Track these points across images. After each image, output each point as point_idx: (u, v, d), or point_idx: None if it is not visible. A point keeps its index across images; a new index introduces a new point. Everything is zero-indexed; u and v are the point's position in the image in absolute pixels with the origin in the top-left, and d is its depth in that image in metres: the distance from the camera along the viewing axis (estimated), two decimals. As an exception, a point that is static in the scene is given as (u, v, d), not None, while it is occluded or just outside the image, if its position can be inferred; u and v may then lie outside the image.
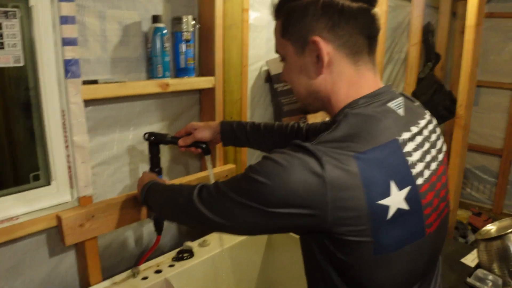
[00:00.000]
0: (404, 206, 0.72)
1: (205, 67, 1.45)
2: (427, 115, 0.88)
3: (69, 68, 1.08)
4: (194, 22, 1.38)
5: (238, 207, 0.75)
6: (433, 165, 0.80)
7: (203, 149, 1.22)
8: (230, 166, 1.58)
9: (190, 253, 1.45)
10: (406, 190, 0.73)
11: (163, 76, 1.32)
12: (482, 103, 3.52)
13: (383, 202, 0.70)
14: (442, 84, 2.82)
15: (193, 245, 1.50)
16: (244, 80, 1.57)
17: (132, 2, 1.27)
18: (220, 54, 1.44)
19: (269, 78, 1.80)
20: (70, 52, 1.07)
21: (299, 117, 1.77)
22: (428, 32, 2.84)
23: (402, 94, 0.85)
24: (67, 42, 1.06)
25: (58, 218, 1.11)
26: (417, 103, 0.89)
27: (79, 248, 1.22)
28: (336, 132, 0.74)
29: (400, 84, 2.89)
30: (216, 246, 1.50)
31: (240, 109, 1.58)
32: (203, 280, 1.44)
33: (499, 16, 3.34)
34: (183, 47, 1.37)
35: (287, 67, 0.87)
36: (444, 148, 0.89)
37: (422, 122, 0.83)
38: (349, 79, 0.81)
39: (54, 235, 1.18)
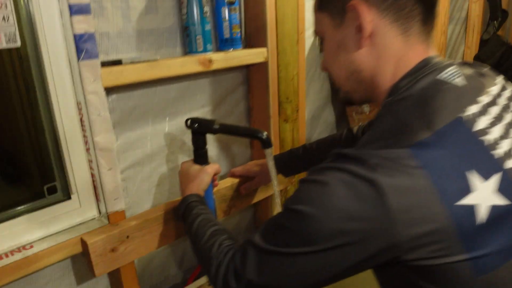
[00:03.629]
0: (499, 201, 0.56)
1: (255, 37, 1.15)
2: (500, 79, 0.71)
3: (82, 45, 0.80)
4: (238, -22, 1.08)
5: (288, 261, 0.61)
6: None
7: (263, 141, 0.93)
8: (288, 157, 1.29)
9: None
10: (495, 179, 0.57)
11: (205, 50, 1.03)
12: None
13: (465, 201, 0.55)
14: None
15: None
16: (301, 50, 1.26)
17: (159, -46, 0.97)
18: (272, 19, 1.13)
19: (326, 47, 1.48)
20: (82, 24, 0.79)
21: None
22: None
23: (452, 63, 0.68)
24: (77, 10, 0.78)
25: (84, 243, 0.86)
26: (483, 67, 0.72)
27: (114, 275, 0.97)
28: (380, 128, 0.62)
29: (460, 47, 2.51)
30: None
31: (298, 87, 1.27)
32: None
33: None
34: (226, 11, 1.07)
35: (326, 47, 0.73)
36: None
37: (495, 89, 0.66)
38: (396, 53, 0.67)
39: (80, 260, 0.93)
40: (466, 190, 0.55)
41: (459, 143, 0.58)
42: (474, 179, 0.56)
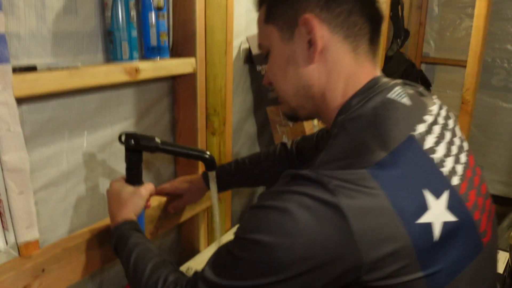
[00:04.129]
0: (450, 217, 0.57)
1: (183, 45, 1.08)
2: (435, 98, 0.74)
3: (-10, 47, 0.67)
4: (166, -18, 1.00)
5: None
6: (463, 157, 0.66)
7: (208, 162, 0.87)
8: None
9: None
10: (445, 197, 0.58)
11: (131, 58, 0.94)
12: (437, 80, 3.44)
13: (423, 220, 0.55)
14: (413, 63, 2.64)
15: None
16: (229, 62, 1.21)
17: None
18: (202, 28, 1.08)
19: (250, 58, 1.46)
20: (-10, 22, 0.67)
21: (289, 105, 1.45)
22: (396, 5, 2.63)
23: (397, 83, 0.69)
24: (-16, 5, 0.66)
25: (-12, 283, 0.72)
26: (418, 86, 0.74)
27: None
28: (336, 148, 0.61)
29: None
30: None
31: (225, 99, 1.23)
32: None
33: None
34: (153, 17, 1.00)
35: (272, 60, 0.71)
36: (461, 134, 0.73)
37: (434, 108, 0.68)
38: (347, 70, 0.67)
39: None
40: (423, 208, 0.55)
41: (413, 162, 0.58)
42: (429, 197, 0.56)
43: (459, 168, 0.63)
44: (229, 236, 1.37)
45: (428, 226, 0.55)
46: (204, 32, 1.09)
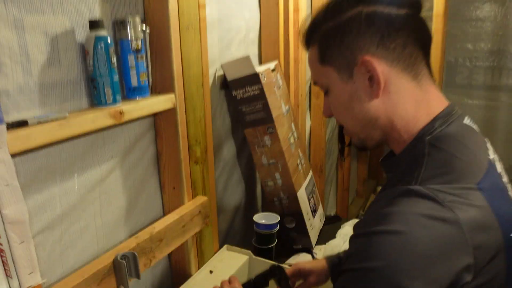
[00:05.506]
0: None
1: (162, 83, 1.14)
2: None
3: (-14, 111, 0.72)
4: (143, 25, 1.06)
5: None
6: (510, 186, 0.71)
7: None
8: (202, 198, 1.29)
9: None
10: None
11: (114, 102, 0.99)
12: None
13: None
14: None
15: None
16: (206, 92, 1.28)
17: (59, 2, 0.91)
18: (179, 65, 1.14)
19: (225, 84, 1.52)
20: (-15, 88, 0.71)
21: (265, 127, 1.52)
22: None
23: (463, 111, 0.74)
24: (-22, 72, 0.70)
25: (-3, 332, 0.76)
26: None
27: None
28: (434, 164, 0.62)
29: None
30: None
31: (205, 128, 1.29)
32: None
33: None
34: (132, 59, 1.05)
35: (334, 98, 0.74)
36: None
37: (487, 141, 0.73)
38: (413, 97, 0.69)
39: None
40: None
41: (499, 183, 0.65)
42: None
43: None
44: (218, 256, 1.43)
45: None
46: (181, 68, 1.15)
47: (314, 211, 1.81)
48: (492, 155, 0.68)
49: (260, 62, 1.80)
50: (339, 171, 2.92)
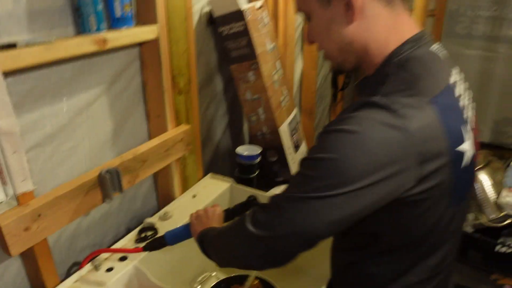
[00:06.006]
0: (471, 153, 0.71)
1: (145, 14, 1.20)
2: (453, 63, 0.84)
3: (-23, 31, 0.79)
4: (125, -43, 1.11)
5: (312, 205, 0.65)
6: (472, 111, 0.79)
7: None
8: (184, 127, 1.39)
9: (154, 230, 1.29)
10: (470, 135, 0.72)
11: (98, 29, 1.06)
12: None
13: (460, 148, 0.68)
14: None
15: (154, 220, 1.34)
16: (189, 26, 1.34)
17: None
18: (162, -3, 1.19)
19: (212, 20, 1.57)
20: (-25, 9, 0.79)
21: (250, 63, 1.59)
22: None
23: (435, 40, 0.79)
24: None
25: (-4, 226, 0.88)
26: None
27: (27, 254, 1.00)
28: (397, 81, 0.69)
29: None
30: (179, 217, 1.35)
31: (189, 61, 1.36)
32: (178, 259, 1.29)
33: None
34: (116, -10, 1.11)
35: (314, 24, 0.79)
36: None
37: (455, 69, 0.80)
38: (386, 22, 0.74)
39: (-9, 243, 0.95)
40: (461, 139, 0.69)
41: (453, 103, 0.72)
42: (464, 132, 0.70)
43: (471, 118, 0.76)
44: (202, 183, 1.55)
45: (461, 155, 0.69)
46: (164, 0, 1.21)
47: (296, 147, 1.91)
48: (453, 80, 0.75)
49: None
50: (331, 114, 3.00)
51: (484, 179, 1.92)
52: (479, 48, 3.52)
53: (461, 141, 0.69)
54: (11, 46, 0.89)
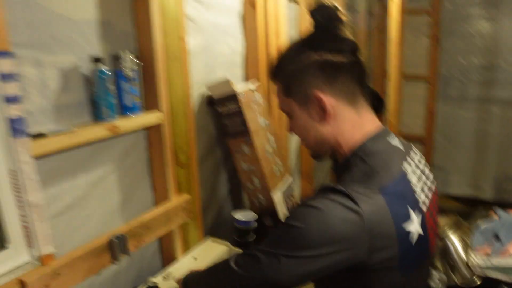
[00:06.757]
0: (421, 231, 0.85)
1: (151, 103, 1.44)
2: (412, 147, 1.01)
3: (16, 127, 1.03)
4: (134, 58, 1.36)
5: (281, 261, 0.80)
6: (429, 194, 0.94)
7: None
8: (186, 196, 1.59)
9: (155, 289, 1.45)
10: (420, 217, 0.86)
11: (110, 117, 1.30)
12: (403, 94, 3.84)
13: (407, 227, 0.82)
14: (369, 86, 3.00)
15: (158, 280, 1.49)
16: (189, 111, 1.58)
17: (68, 45, 1.23)
18: (166, 90, 1.44)
19: (211, 102, 1.82)
20: (16, 111, 1.02)
21: (244, 138, 1.81)
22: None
23: (392, 132, 0.97)
24: (11, 99, 1.01)
25: (22, 283, 1.06)
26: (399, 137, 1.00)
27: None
28: (357, 172, 0.85)
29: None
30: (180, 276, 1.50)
31: (189, 140, 1.59)
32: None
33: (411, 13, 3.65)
34: (126, 85, 1.36)
35: (295, 122, 0.97)
36: (432, 177, 1.00)
37: (412, 153, 0.97)
38: (352, 122, 0.92)
39: (16, 299, 1.12)
40: (408, 218, 0.83)
41: (405, 189, 0.87)
42: (412, 213, 0.84)
43: (426, 201, 0.90)
44: (203, 246, 1.71)
45: (409, 233, 0.82)
46: (168, 92, 1.45)
47: (292, 211, 2.07)
48: (407, 165, 0.90)
49: (247, 81, 2.10)
50: (332, 177, 3.18)
51: (456, 241, 2.01)
52: (473, 110, 3.67)
53: (407, 222, 0.82)
54: (41, 135, 1.12)
